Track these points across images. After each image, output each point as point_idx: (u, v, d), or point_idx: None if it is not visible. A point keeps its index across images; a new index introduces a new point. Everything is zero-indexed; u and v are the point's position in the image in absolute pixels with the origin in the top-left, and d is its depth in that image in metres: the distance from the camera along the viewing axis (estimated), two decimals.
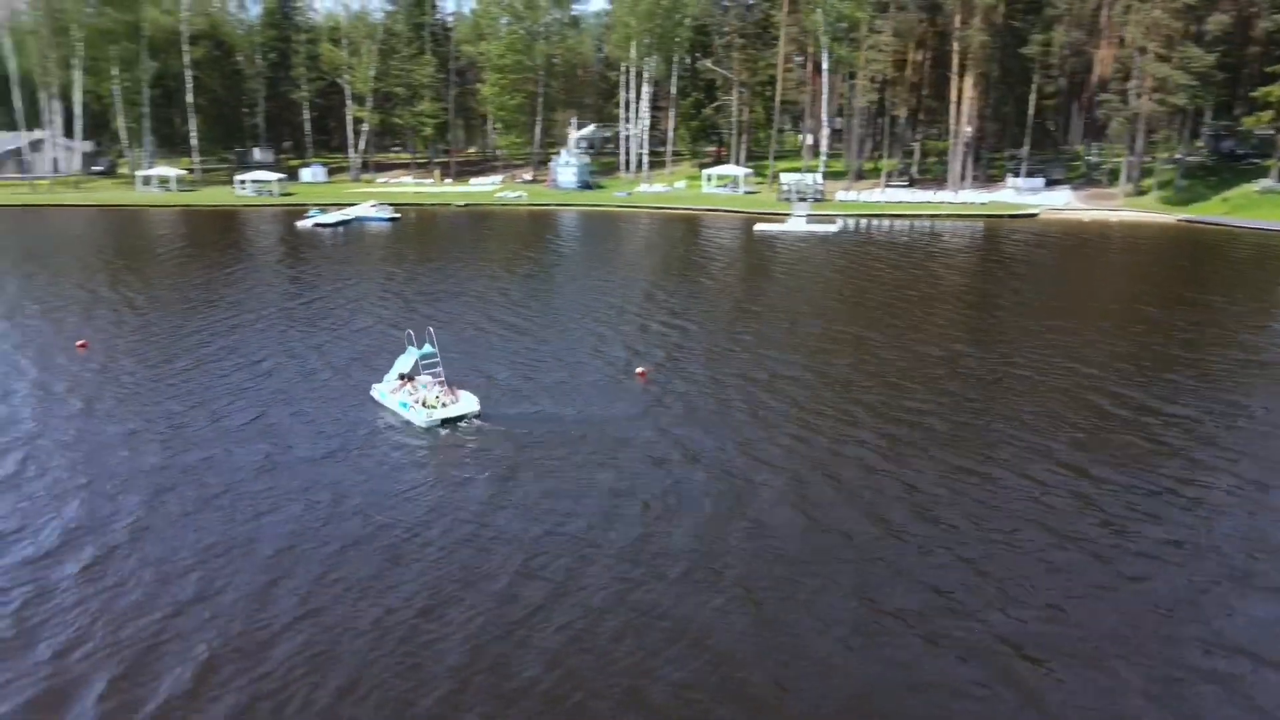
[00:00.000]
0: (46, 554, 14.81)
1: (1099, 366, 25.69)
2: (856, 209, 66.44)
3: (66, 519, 16.06)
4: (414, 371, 21.58)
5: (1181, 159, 67.39)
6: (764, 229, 56.40)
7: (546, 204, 72.90)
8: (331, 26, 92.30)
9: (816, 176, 71.77)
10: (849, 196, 70.09)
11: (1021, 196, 68.02)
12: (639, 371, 24.92)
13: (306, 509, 16.45)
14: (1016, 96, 73.81)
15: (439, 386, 21.10)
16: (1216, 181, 65.77)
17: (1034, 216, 63.10)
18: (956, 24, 68.84)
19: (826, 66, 75.61)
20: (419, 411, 20.44)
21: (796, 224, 56.75)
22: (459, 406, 20.65)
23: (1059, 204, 65.88)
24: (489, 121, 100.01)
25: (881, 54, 71.12)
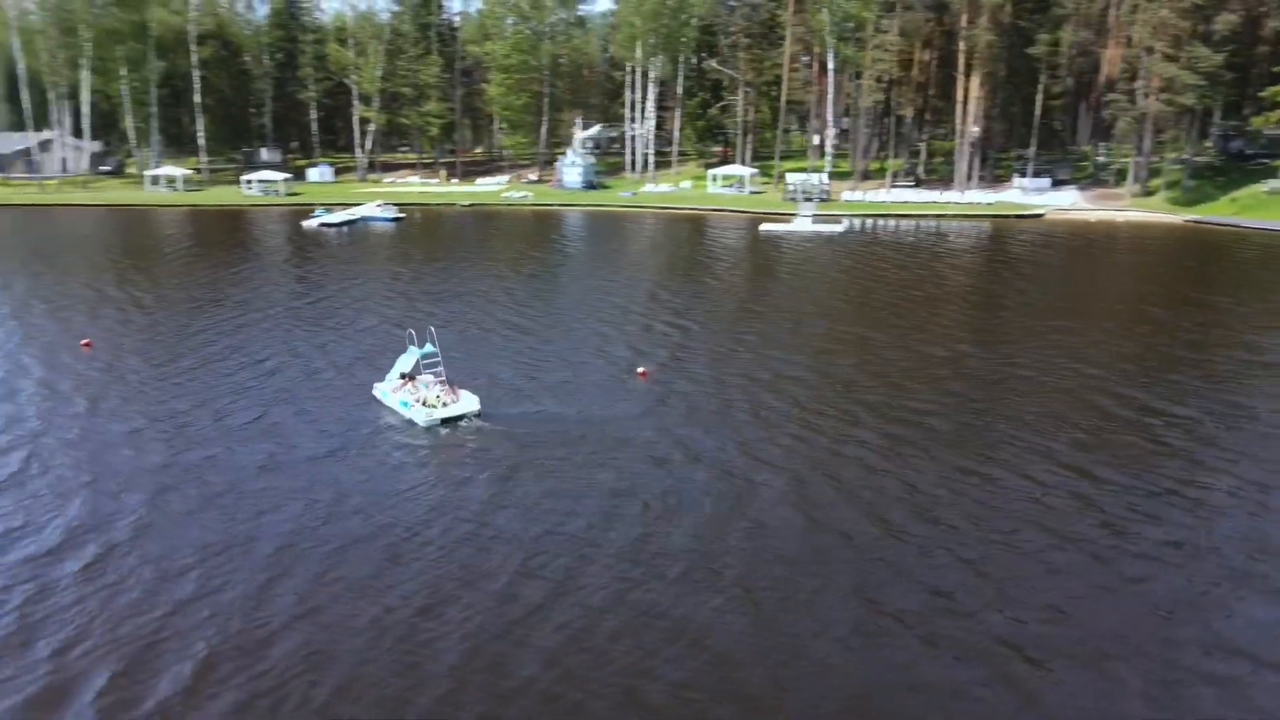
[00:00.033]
0: (49, 551, 14.91)
1: (1103, 367, 25.61)
2: (862, 209, 66.32)
3: (69, 517, 16.16)
4: (415, 371, 21.64)
5: (1189, 159, 67.10)
6: (769, 229, 56.34)
7: (551, 204, 72.95)
8: (338, 27, 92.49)
9: (822, 176, 71.65)
10: (854, 197, 69.97)
11: (1028, 197, 67.81)
12: (640, 371, 24.93)
13: (307, 508, 16.51)
14: (1023, 96, 73.56)
15: (440, 386, 21.15)
16: (1225, 182, 65.45)
17: (1040, 217, 62.91)
18: (963, 23, 68.64)
19: (832, 66, 75.51)
20: (420, 411, 20.48)
21: (802, 224, 56.69)
22: (460, 406, 20.70)
23: (1065, 204, 65.65)
24: (495, 121, 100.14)
25: (887, 54, 70.95)
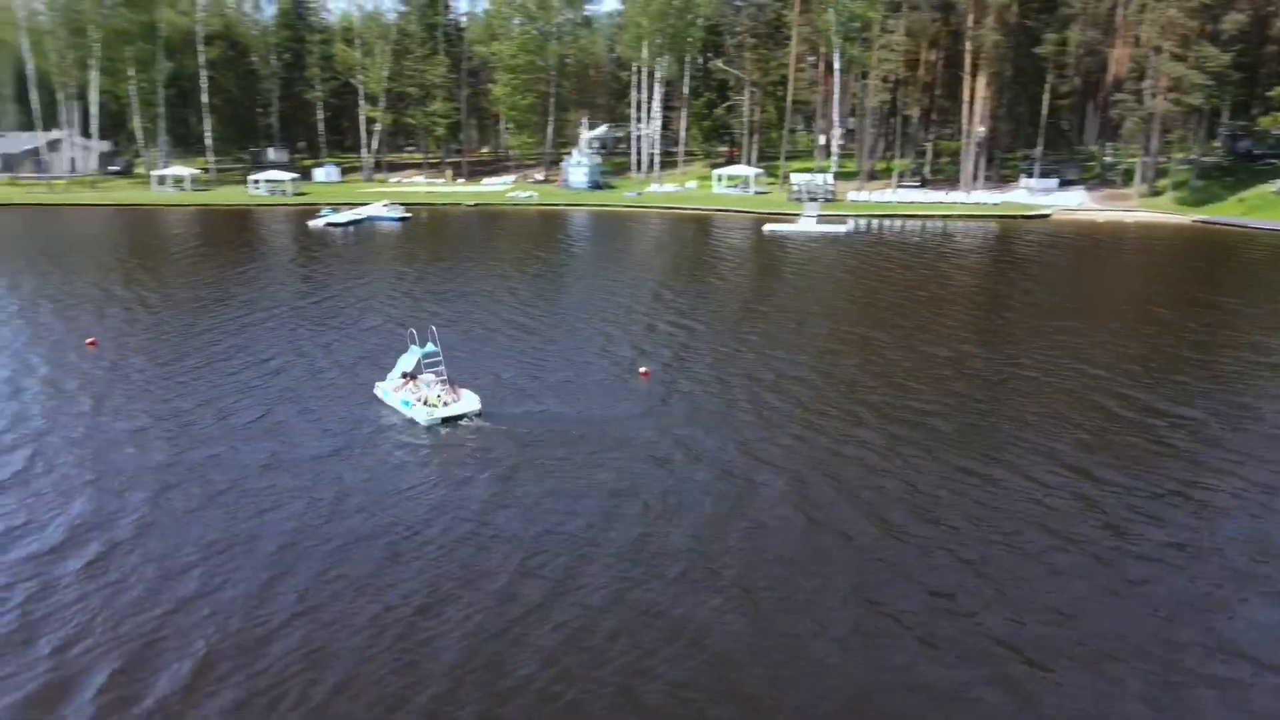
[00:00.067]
0: (51, 549, 14.98)
1: (1107, 368, 25.52)
2: (868, 209, 66.20)
3: (72, 515, 16.23)
4: (417, 370, 21.68)
5: (1197, 159, 66.79)
6: (774, 229, 56.25)
7: (557, 204, 72.99)
8: (345, 27, 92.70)
9: (827, 177, 71.54)
10: (860, 197, 69.84)
11: (1034, 197, 67.58)
12: (642, 371, 24.94)
13: (309, 507, 16.56)
14: (1030, 96, 73.27)
15: (441, 385, 21.18)
16: (1233, 182, 65.14)
17: (1047, 217, 62.69)
18: (969, 23, 68.42)
19: (838, 66, 75.40)
20: (421, 410, 20.52)
21: (807, 224, 56.61)
22: (461, 405, 20.73)
23: (1072, 204, 65.42)
24: (501, 121, 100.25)
25: (894, 54, 70.80)
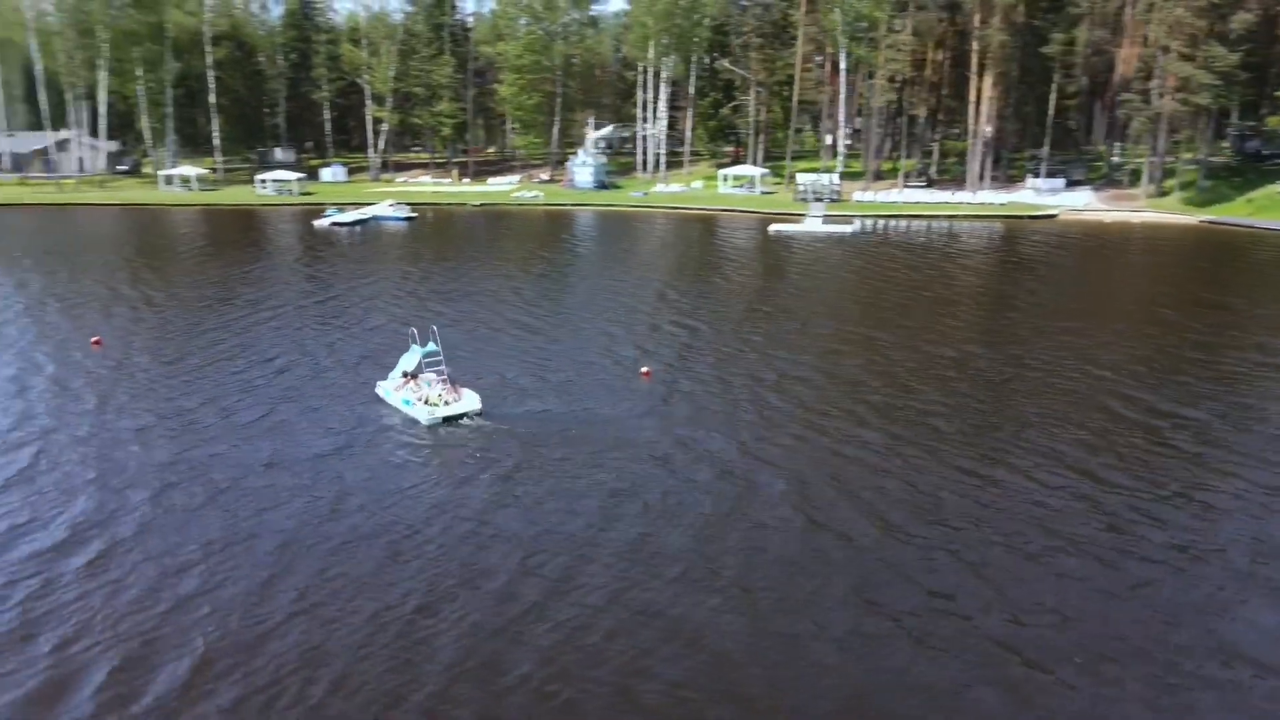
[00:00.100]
0: (53, 547, 15.04)
1: (1112, 368, 25.42)
2: (873, 209, 66.06)
3: (75, 513, 16.31)
4: (418, 369, 21.71)
5: (1205, 159, 66.48)
6: (779, 229, 56.18)
7: (563, 204, 73.03)
8: (352, 27, 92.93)
9: (833, 177, 71.38)
10: (866, 197, 69.68)
11: (1041, 197, 67.33)
12: (644, 371, 24.94)
13: (310, 505, 16.60)
14: (1037, 96, 73.05)
15: (442, 384, 21.21)
16: (1241, 182, 64.82)
17: (1053, 217, 62.47)
18: (976, 23, 68.28)
19: (845, 66, 75.29)
20: (422, 409, 20.56)
21: (812, 224, 56.48)
22: (461, 404, 20.76)
23: (1079, 205, 65.14)
24: (507, 121, 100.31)
25: (900, 53, 70.64)
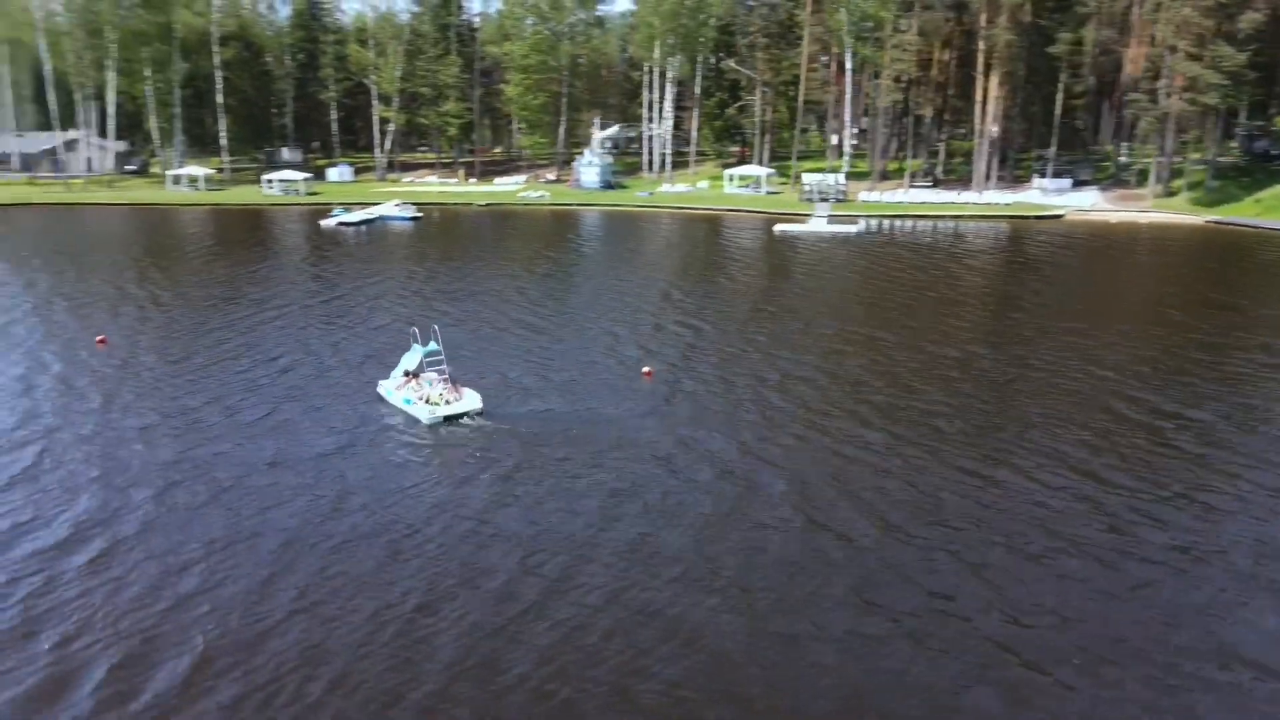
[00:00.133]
0: (56, 545, 15.13)
1: (1116, 369, 25.34)
2: (879, 209, 65.96)
3: (78, 511, 16.39)
4: (419, 369, 21.76)
5: (1213, 159, 66.20)
6: (784, 229, 56.14)
7: (569, 204, 73.09)
8: (359, 27, 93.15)
9: (839, 177, 71.30)
10: (872, 197, 69.59)
11: (1047, 197, 67.16)
12: (646, 371, 24.96)
13: (310, 504, 16.66)
14: (1043, 96, 72.84)
15: (443, 384, 21.26)
16: (1249, 182, 64.52)
17: (1059, 218, 62.29)
18: (982, 23, 68.09)
19: (850, 66, 75.19)
20: (423, 408, 20.62)
21: (817, 224, 56.43)
22: (463, 404, 20.81)
23: (1086, 205, 64.96)
24: (513, 121, 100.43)
25: (906, 53, 70.50)
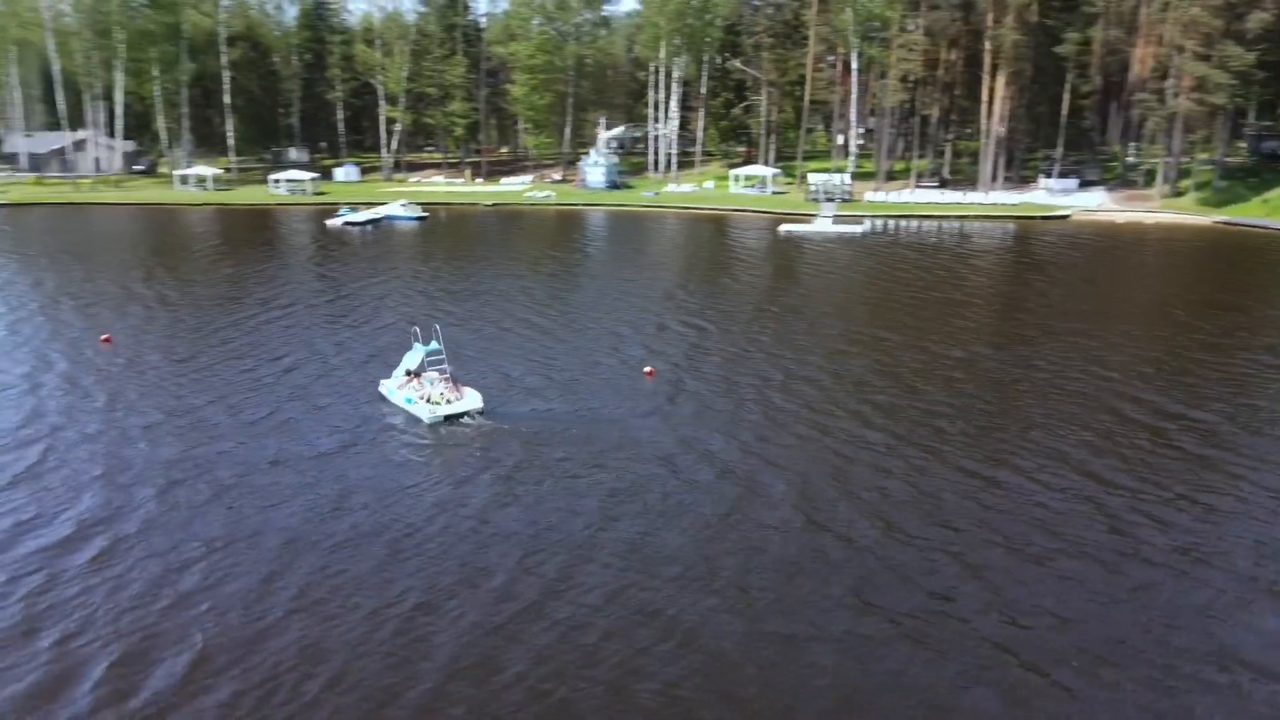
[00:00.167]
0: (58, 543, 15.22)
1: (1120, 370, 25.26)
2: (885, 210, 65.84)
3: (80, 509, 16.49)
4: (420, 368, 21.81)
5: (1221, 160, 65.90)
6: (790, 229, 56.07)
7: (574, 204, 73.14)
8: (365, 28, 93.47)
9: (845, 177, 71.17)
10: (878, 197, 69.45)
11: (1054, 198, 66.90)
12: (647, 371, 24.98)
13: (311, 503, 16.72)
14: (1050, 96, 72.56)
15: (444, 383, 21.31)
16: (1257, 183, 64.18)
17: (1066, 218, 62.08)
18: (989, 22, 67.89)
19: (856, 66, 75.01)
20: (424, 408, 20.67)
21: (823, 224, 56.35)
22: (463, 403, 20.85)
23: (1092, 205, 64.70)
24: (519, 122, 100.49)
25: (912, 53, 70.35)
